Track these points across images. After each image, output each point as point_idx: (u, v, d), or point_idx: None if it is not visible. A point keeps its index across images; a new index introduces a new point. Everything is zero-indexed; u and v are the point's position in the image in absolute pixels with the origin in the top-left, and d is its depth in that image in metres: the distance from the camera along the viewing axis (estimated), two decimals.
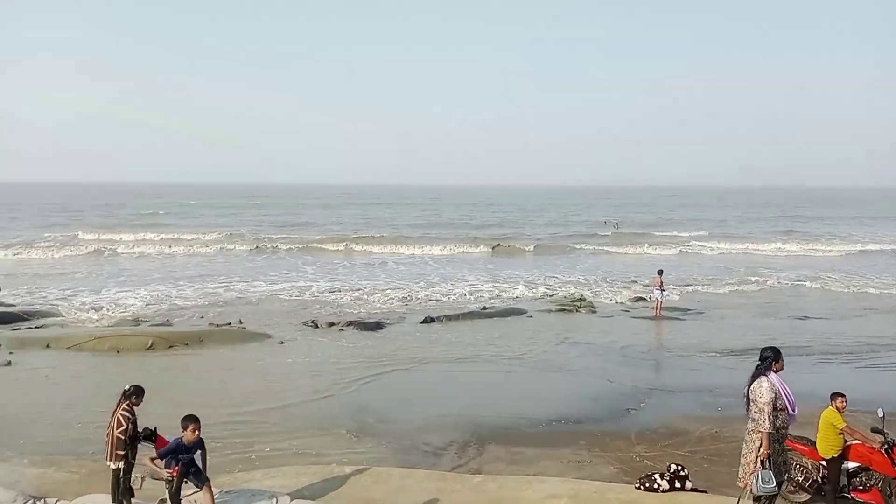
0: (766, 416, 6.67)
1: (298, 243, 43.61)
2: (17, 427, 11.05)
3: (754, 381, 6.92)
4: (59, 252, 35.84)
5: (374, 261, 36.64)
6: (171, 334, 17.38)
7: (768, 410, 6.67)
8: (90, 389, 13.15)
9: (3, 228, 54.35)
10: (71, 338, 16.84)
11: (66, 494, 8.02)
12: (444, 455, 10.11)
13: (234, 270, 31.86)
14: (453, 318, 20.35)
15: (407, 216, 77.06)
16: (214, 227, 55.99)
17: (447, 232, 54.17)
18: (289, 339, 17.48)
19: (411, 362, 15.27)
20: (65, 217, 69.46)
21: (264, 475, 8.71)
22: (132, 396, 7.31)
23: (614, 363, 15.38)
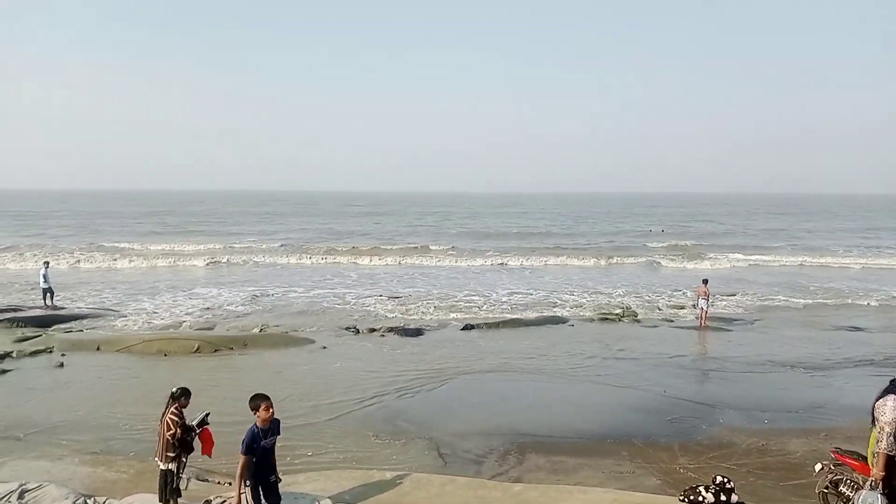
0: (887, 435, 6.23)
1: (343, 252, 43.93)
2: (69, 427, 11.37)
3: (881, 398, 6.45)
4: (118, 262, 36.35)
5: (414, 269, 36.75)
6: (217, 338, 17.71)
7: (889, 430, 6.22)
8: (139, 391, 13.47)
9: (58, 236, 56.12)
10: (120, 340, 17.29)
11: (115, 493, 8.22)
12: (484, 463, 10.08)
13: (278, 276, 32.32)
14: (493, 325, 20.32)
15: (445, 224, 77.09)
16: (262, 235, 56.98)
17: (488, 243, 54.05)
18: (331, 344, 17.65)
19: (451, 369, 15.26)
20: (119, 225, 71.34)
21: (306, 479, 8.80)
22: (180, 398, 7.45)
23: (657, 373, 15.14)
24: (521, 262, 39.05)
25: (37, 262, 32.30)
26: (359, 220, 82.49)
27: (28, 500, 7.71)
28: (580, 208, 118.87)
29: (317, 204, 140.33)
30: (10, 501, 7.60)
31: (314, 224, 74.75)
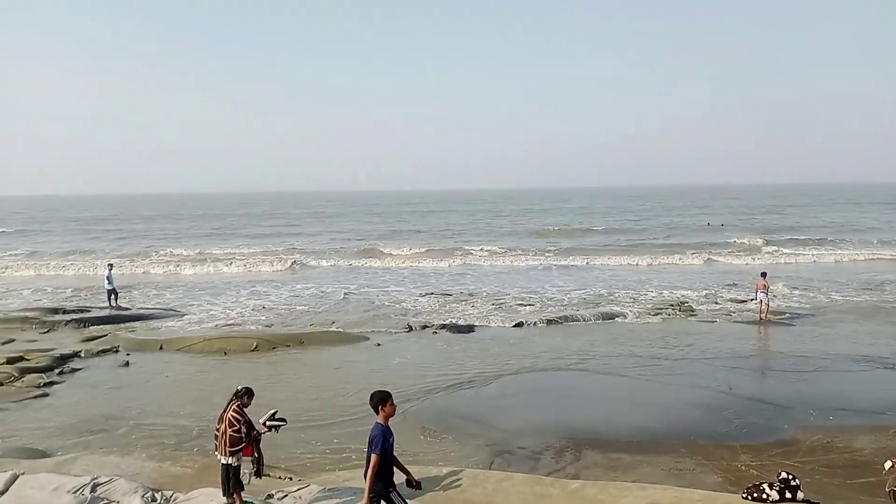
0: None
1: (399, 250, 44.19)
2: (136, 423, 11.79)
3: None
4: (180, 267, 37.10)
5: (467, 267, 36.75)
6: (274, 336, 18.09)
7: None
8: (200, 388, 13.86)
9: (122, 239, 57.98)
10: (182, 340, 17.81)
11: (181, 487, 8.45)
12: (540, 459, 10.06)
13: (333, 276, 32.76)
14: (546, 321, 20.19)
15: (493, 223, 76.86)
16: (314, 236, 57.90)
17: (539, 241, 53.72)
18: (385, 342, 17.84)
19: (504, 366, 15.24)
20: (175, 229, 73.29)
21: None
22: (244, 397, 7.62)
23: (715, 368, 14.84)
24: (573, 258, 38.59)
25: (99, 268, 33.41)
26: (409, 219, 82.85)
27: (100, 493, 8.00)
28: (633, 203, 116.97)
29: (364, 204, 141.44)
30: (83, 494, 7.90)
31: (374, 223, 75.37)
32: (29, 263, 37.35)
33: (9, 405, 12.83)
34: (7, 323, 20.35)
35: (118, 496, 7.94)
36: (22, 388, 13.85)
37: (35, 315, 21.12)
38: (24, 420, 12.07)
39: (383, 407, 6.36)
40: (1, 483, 8.28)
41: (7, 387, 13.93)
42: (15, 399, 13.16)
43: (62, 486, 8.14)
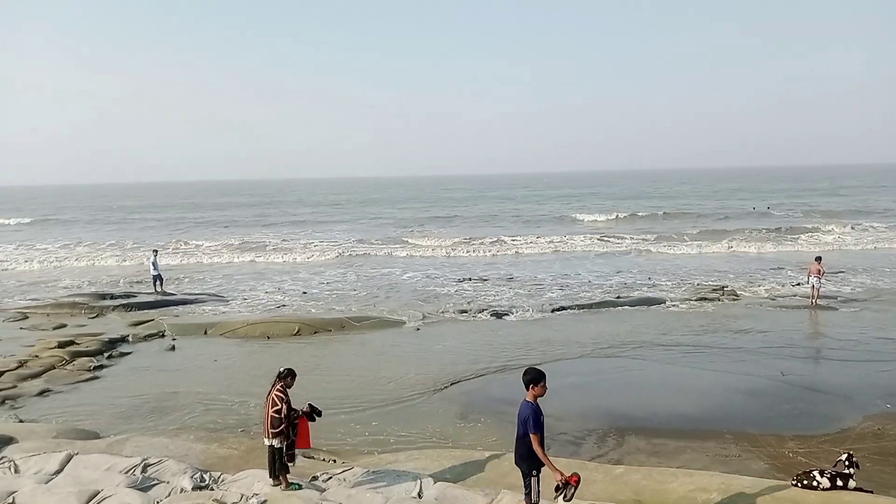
0: None
1: (437, 239, 44.17)
2: (183, 406, 12.06)
3: None
4: (233, 256, 37.11)
5: (504, 252, 36.56)
6: (315, 321, 18.31)
7: None
8: (245, 372, 14.11)
9: (167, 227, 59.07)
10: (226, 324, 18.14)
11: (227, 468, 8.61)
12: (582, 444, 10.02)
13: (373, 261, 32.95)
14: (585, 306, 20.04)
15: (534, 208, 76.31)
16: (353, 221, 58.29)
17: (575, 226, 53.21)
18: (424, 326, 17.90)
19: (544, 351, 15.18)
20: (226, 215, 74.42)
21: (407, 457, 8.97)
22: (286, 378, 7.72)
23: (761, 354, 14.58)
24: (613, 243, 38.14)
25: (142, 256, 34.08)
26: (451, 204, 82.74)
27: (150, 473, 8.20)
28: (675, 187, 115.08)
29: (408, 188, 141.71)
30: (135, 474, 8.11)
31: (405, 211, 75.52)
32: (80, 253, 38.16)
33: (62, 388, 13.23)
34: (58, 308, 20.96)
35: (168, 476, 8.12)
36: (73, 372, 14.25)
37: (84, 300, 21.70)
38: (76, 402, 12.45)
39: (535, 386, 6.27)
40: (56, 463, 8.54)
41: (59, 370, 14.33)
42: (67, 382, 13.56)
43: (114, 467, 8.36)
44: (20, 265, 33.49)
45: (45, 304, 21.72)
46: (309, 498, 7.23)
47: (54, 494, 7.53)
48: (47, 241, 44.62)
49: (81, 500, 7.38)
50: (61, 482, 8.01)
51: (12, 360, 14.87)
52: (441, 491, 7.44)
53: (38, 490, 7.71)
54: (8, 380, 13.59)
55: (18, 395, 12.75)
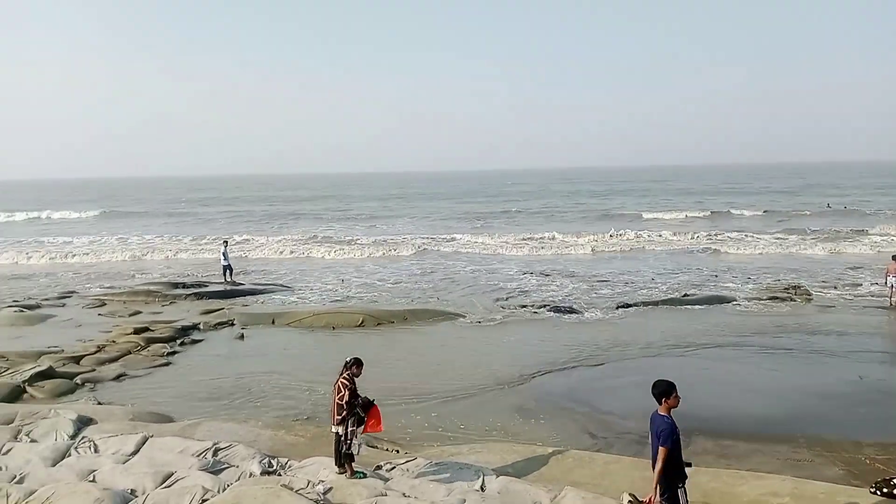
0: None
1: (506, 233, 44.07)
2: (253, 393, 12.40)
3: None
4: (305, 250, 37.79)
5: (566, 246, 36.13)
6: (379, 312, 18.55)
7: None
8: (311, 361, 14.40)
9: (240, 220, 60.64)
10: (292, 314, 18.55)
11: (294, 455, 8.80)
12: (647, 444, 9.82)
13: (435, 254, 33.09)
14: (650, 304, 19.65)
15: (589, 203, 75.26)
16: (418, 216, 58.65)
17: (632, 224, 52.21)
18: (485, 320, 17.87)
19: (606, 348, 14.96)
20: (289, 208, 76.00)
21: (470, 450, 8.99)
22: (352, 367, 7.84)
23: (835, 356, 14.01)
24: (676, 240, 37.23)
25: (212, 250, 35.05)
26: (517, 198, 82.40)
27: (221, 457, 8.46)
28: (736, 183, 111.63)
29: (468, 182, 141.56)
30: (206, 458, 8.38)
31: (467, 206, 75.58)
32: (153, 245, 39.54)
33: (138, 372, 13.78)
34: (133, 296, 21.82)
35: (237, 461, 8.36)
36: (148, 357, 14.81)
37: (158, 289, 22.53)
38: (151, 386, 12.94)
39: (667, 398, 6.14)
40: (133, 444, 8.91)
41: (135, 355, 14.93)
42: (143, 367, 14.11)
43: (187, 450, 8.66)
44: (100, 256, 34.85)
45: (122, 291, 22.65)
46: (373, 487, 7.33)
47: (131, 474, 7.85)
48: (118, 232, 46.31)
49: (157, 480, 7.67)
50: (137, 463, 8.35)
51: (91, 344, 15.59)
52: (504, 485, 7.43)
53: (117, 470, 8.05)
54: (87, 363, 14.25)
55: (97, 378, 13.32)
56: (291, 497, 6.90)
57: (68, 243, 39.88)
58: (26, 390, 12.47)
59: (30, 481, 7.83)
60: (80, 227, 52.17)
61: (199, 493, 7.18)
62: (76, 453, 8.79)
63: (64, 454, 8.77)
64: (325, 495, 7.09)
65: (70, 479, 7.85)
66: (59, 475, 8.01)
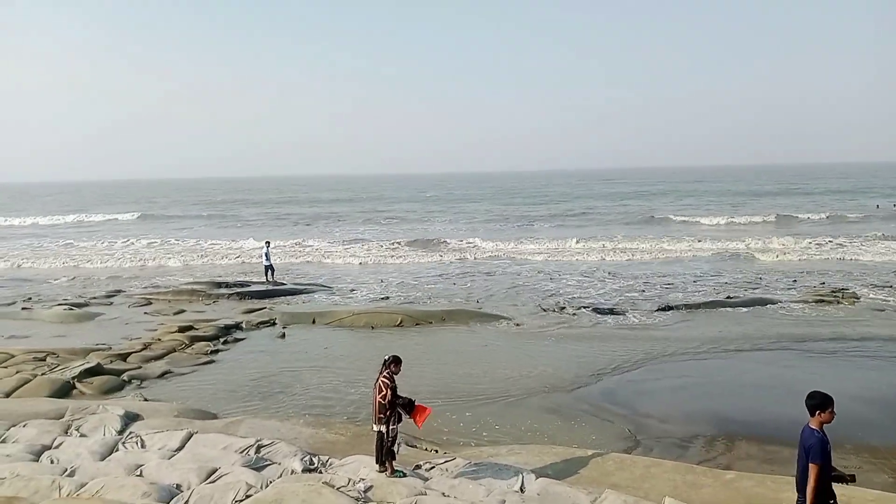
0: None
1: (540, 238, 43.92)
2: (294, 391, 12.57)
3: None
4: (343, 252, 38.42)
5: (608, 248, 35.78)
6: (417, 312, 18.63)
7: None
8: (351, 360, 14.56)
9: (287, 222, 61.44)
10: (332, 314, 18.74)
11: (335, 453, 8.90)
12: (688, 448, 9.73)
13: (474, 256, 33.08)
14: (693, 306, 19.34)
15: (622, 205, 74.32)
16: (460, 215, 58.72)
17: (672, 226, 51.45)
18: (525, 322, 17.81)
19: (648, 350, 14.79)
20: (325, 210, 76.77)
21: (509, 451, 8.99)
22: (391, 365, 7.89)
23: (884, 361, 13.65)
24: (718, 243, 36.50)
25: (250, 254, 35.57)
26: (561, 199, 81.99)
27: (263, 454, 8.60)
28: (782, 183, 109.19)
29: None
30: (249, 454, 8.52)
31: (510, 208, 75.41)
32: (192, 248, 40.32)
33: (182, 369, 14.07)
34: (178, 295, 22.30)
35: (279, 458, 8.49)
36: (192, 355, 15.11)
37: (201, 288, 22.98)
38: (195, 384, 13.21)
39: (821, 412, 5.63)
40: (178, 440, 9.10)
41: (179, 353, 15.25)
42: (187, 364, 14.40)
43: (230, 446, 8.82)
44: (147, 257, 35.68)
45: (167, 290, 23.14)
46: (413, 486, 7.37)
47: (177, 469, 8.02)
48: (160, 234, 47.23)
49: (201, 476, 7.83)
50: (182, 458, 8.53)
51: (138, 342, 15.96)
52: (543, 487, 7.40)
53: (163, 465, 8.24)
54: (134, 361, 14.59)
55: (143, 375, 13.63)
56: (333, 494, 6.99)
57: (114, 244, 40.97)
58: (76, 386, 12.82)
59: (80, 474, 8.06)
60: (126, 229, 53.28)
61: (242, 488, 7.31)
62: (124, 448, 9.02)
63: (112, 449, 9.00)
64: (366, 493, 7.16)
65: (118, 473, 8.05)
66: (107, 469, 8.23)
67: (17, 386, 12.67)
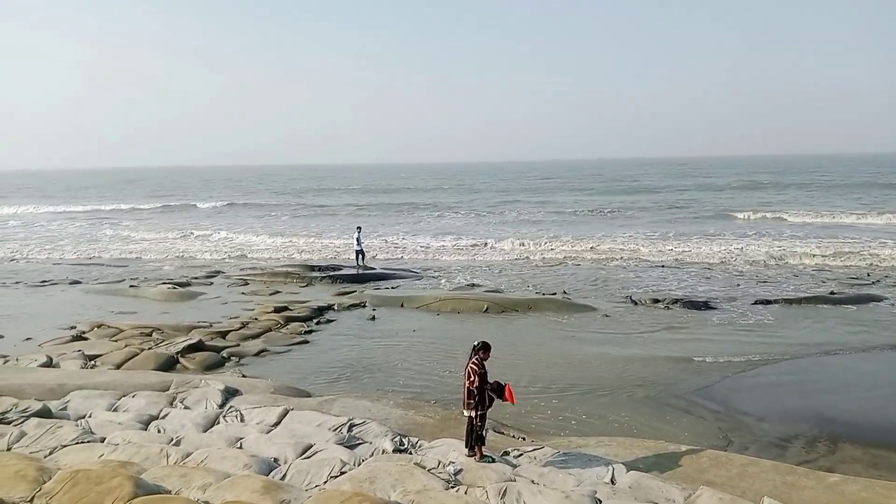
0: None
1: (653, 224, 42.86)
2: (384, 372, 12.84)
3: None
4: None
5: (704, 239, 34.55)
6: (503, 300, 18.62)
7: None
8: (438, 344, 14.71)
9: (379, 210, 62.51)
10: (420, 298, 19.03)
11: (424, 435, 9.03)
12: (787, 448, 9.33)
13: (558, 245, 32.71)
14: (793, 301, 18.46)
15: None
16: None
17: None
18: (613, 313, 17.49)
19: (743, 346, 14.23)
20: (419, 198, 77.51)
21: (598, 443, 8.87)
22: (480, 351, 7.91)
23: None
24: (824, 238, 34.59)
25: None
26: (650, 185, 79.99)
27: (356, 433, 8.83)
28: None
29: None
30: (342, 433, 8.77)
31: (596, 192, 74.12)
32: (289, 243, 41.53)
33: (277, 348, 14.60)
34: (273, 277, 23.17)
35: (371, 437, 8.69)
36: (287, 335, 15.65)
37: (296, 271, 23.80)
38: (290, 362, 13.68)
39: None
40: (275, 416, 9.46)
41: (275, 332, 15.82)
42: (282, 344, 14.92)
43: (324, 424, 9.09)
44: (252, 241, 37.11)
45: (263, 272, 24.06)
46: (502, 472, 7.39)
47: (274, 444, 8.34)
48: (252, 221, 48.88)
49: (297, 451, 8.12)
50: (279, 434, 8.86)
51: (236, 321, 16.68)
52: (635, 480, 7.28)
53: (261, 439, 8.59)
54: (232, 339, 15.25)
55: (241, 353, 14.21)
56: (424, 475, 7.10)
57: (218, 229, 42.74)
58: (179, 361, 13.51)
59: (185, 444, 8.50)
60: (220, 216, 54.94)
61: (337, 465, 7.53)
62: (224, 421, 9.45)
63: (213, 421, 9.45)
64: (456, 476, 7.24)
65: (220, 444, 8.45)
66: (210, 440, 8.65)
67: (127, 359, 13.48)
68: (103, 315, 17.61)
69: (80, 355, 13.51)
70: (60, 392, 10.55)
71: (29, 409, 9.57)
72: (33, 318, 17.53)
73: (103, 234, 41.94)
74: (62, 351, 13.97)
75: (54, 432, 8.75)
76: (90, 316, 17.45)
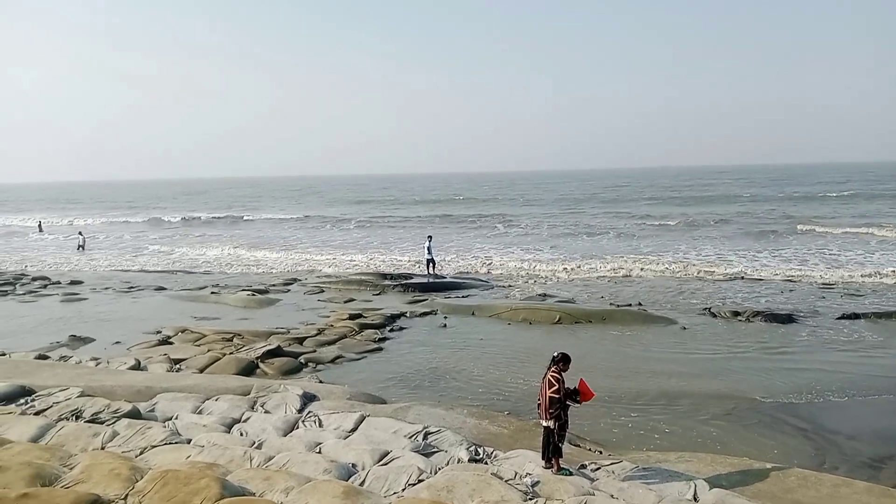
0: None
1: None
2: (458, 380, 12.88)
3: None
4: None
5: (784, 248, 33.32)
6: (577, 311, 18.42)
7: None
8: (512, 353, 14.68)
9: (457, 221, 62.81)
10: (492, 307, 19.03)
11: (498, 446, 8.98)
12: (882, 469, 8.89)
13: (633, 256, 32.16)
14: (884, 315, 17.52)
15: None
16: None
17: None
18: (691, 326, 17.01)
19: (826, 363, 13.59)
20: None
21: (678, 458, 8.66)
22: (560, 362, 7.84)
23: None
24: None
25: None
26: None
27: (430, 441, 8.87)
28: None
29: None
30: (417, 440, 8.82)
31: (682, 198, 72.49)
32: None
33: (352, 355, 14.86)
34: (348, 285, 23.63)
35: (446, 446, 8.71)
36: (361, 341, 15.91)
37: (369, 279, 24.22)
38: (365, 369, 13.90)
39: None
40: (352, 422, 9.60)
41: (350, 339, 16.11)
42: (357, 350, 15.17)
43: (400, 431, 9.17)
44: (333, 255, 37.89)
45: (338, 280, 24.57)
46: (580, 485, 7.30)
47: (352, 450, 8.46)
48: (329, 233, 49.76)
49: (374, 457, 8.21)
50: (356, 440, 8.98)
51: (313, 327, 17.08)
52: (719, 498, 7.05)
53: (339, 444, 8.72)
54: (309, 345, 15.59)
55: (318, 359, 14.52)
56: (502, 486, 7.08)
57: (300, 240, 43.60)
58: (259, 366, 13.90)
59: (267, 448, 8.71)
60: (301, 228, 55.27)
61: (414, 473, 7.58)
62: (303, 426, 9.64)
63: (293, 426, 9.65)
64: (534, 488, 7.18)
65: (300, 449, 8.62)
66: (290, 444, 8.83)
67: (209, 363, 13.97)
68: (186, 320, 18.30)
69: (165, 359, 14.11)
70: (148, 394, 11.00)
71: (120, 410, 10.01)
72: (122, 322, 18.38)
73: (202, 249, 40.94)
74: (149, 354, 14.61)
75: (144, 433, 9.11)
76: (174, 321, 18.18)
